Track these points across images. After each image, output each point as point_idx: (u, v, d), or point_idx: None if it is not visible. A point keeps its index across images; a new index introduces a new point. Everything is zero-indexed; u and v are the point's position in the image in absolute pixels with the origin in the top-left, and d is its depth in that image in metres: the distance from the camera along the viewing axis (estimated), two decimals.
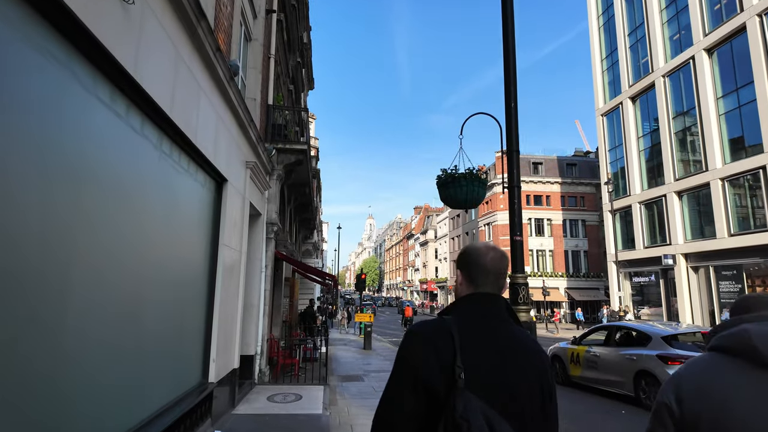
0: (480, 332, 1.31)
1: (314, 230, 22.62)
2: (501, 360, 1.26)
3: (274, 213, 9.41)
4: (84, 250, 2.84)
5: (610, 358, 8.65)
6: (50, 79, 2.49)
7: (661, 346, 7.84)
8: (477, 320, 1.34)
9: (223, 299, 6.06)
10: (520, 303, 4.45)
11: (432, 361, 1.24)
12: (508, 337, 1.32)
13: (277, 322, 11.90)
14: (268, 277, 9.20)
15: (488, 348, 1.28)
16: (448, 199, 4.57)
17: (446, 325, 1.30)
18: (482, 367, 1.24)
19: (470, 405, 1.15)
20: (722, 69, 21.87)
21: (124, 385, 3.47)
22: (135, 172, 3.53)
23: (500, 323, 1.35)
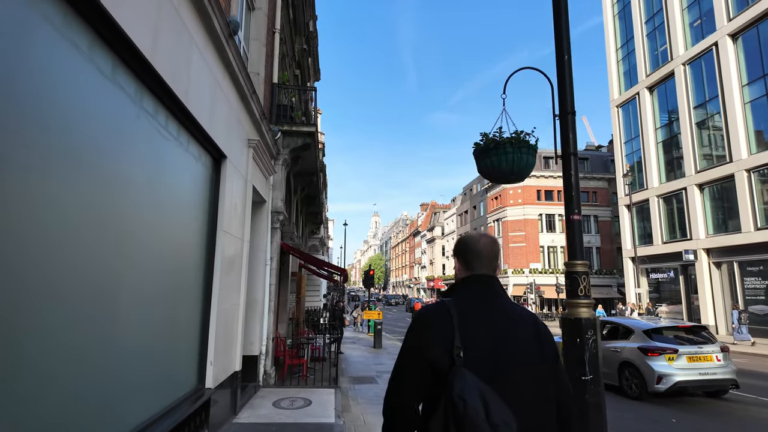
0: (476, 310, 1.45)
1: (321, 225, 21.86)
2: (496, 333, 1.41)
3: (279, 201, 8.65)
4: (38, 233, 2.07)
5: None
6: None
7: (642, 339, 8.35)
8: (473, 299, 1.48)
9: (223, 294, 5.31)
10: (580, 296, 3.64)
11: (435, 341, 1.39)
12: (503, 312, 1.46)
13: (283, 320, 11.16)
14: (273, 271, 8.45)
15: (484, 323, 1.42)
16: (489, 171, 3.76)
17: (446, 307, 1.45)
18: (479, 342, 1.38)
19: (467, 384, 1.28)
20: (748, 55, 20.84)
21: (99, 394, 2.73)
22: (103, 130, 2.76)
23: (494, 300, 1.49)
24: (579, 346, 3.53)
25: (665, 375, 7.69)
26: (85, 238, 2.59)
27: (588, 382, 3.48)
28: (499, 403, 1.28)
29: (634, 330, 8.72)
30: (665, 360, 7.83)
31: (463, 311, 1.44)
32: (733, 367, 8.02)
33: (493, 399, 1.28)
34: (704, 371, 7.80)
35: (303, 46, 16.68)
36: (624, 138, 29.26)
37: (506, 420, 1.26)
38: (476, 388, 1.28)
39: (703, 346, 8.13)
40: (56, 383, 2.34)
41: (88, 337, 2.66)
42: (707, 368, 7.83)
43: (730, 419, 7.02)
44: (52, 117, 2.27)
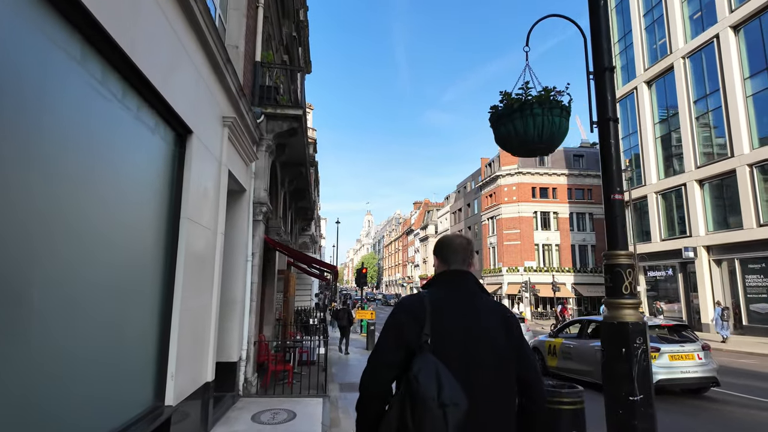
0: (448, 301, 1.61)
1: (312, 222, 21.03)
2: (464, 322, 1.56)
3: (262, 191, 7.85)
4: None
5: (583, 350, 9.13)
6: None
7: None
8: (447, 291, 1.65)
9: (188, 292, 4.51)
10: (624, 294, 2.91)
11: (411, 326, 1.54)
12: (473, 303, 1.62)
13: (269, 321, 10.35)
14: (256, 267, 7.65)
15: (454, 313, 1.58)
16: (510, 140, 3.01)
17: (421, 298, 1.62)
18: (447, 329, 1.53)
19: (424, 366, 1.42)
20: (750, 47, 20.35)
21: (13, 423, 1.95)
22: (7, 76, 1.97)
23: (466, 292, 1.66)
24: (625, 357, 2.79)
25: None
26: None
27: (637, 404, 2.74)
28: (453, 385, 1.40)
29: None
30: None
31: (436, 302, 1.59)
32: (714, 366, 8.08)
33: (448, 381, 1.40)
34: (686, 369, 7.82)
35: (292, 33, 15.85)
36: (621, 133, 28.68)
37: (456, 400, 1.37)
38: (433, 370, 1.41)
39: (685, 345, 8.12)
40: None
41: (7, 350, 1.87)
42: (689, 366, 7.84)
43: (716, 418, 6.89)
44: None
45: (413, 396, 1.39)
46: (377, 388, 1.56)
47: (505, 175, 42.53)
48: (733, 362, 12.88)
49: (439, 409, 1.35)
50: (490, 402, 1.48)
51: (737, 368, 11.71)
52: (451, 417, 1.35)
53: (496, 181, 43.51)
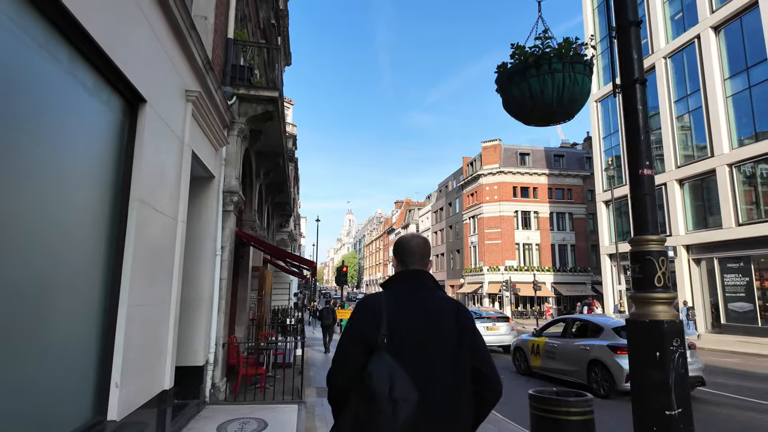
0: (404, 300, 1.68)
1: (290, 218, 20.31)
2: (418, 321, 1.63)
3: (234, 179, 7.20)
4: None
5: (567, 349, 8.92)
6: None
7: (611, 336, 8.06)
8: (403, 290, 1.73)
9: (140, 288, 3.88)
10: (657, 287, 2.43)
11: (369, 326, 1.60)
12: (427, 301, 1.69)
13: (241, 321, 9.69)
14: (225, 263, 7.00)
15: (409, 312, 1.64)
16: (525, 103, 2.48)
17: (379, 298, 1.68)
18: (402, 328, 1.59)
19: (378, 364, 1.50)
20: (730, 48, 20.50)
21: None
22: None
23: (421, 291, 1.73)
24: (659, 363, 2.31)
25: None
26: None
27: (675, 420, 2.26)
28: (405, 382, 1.48)
29: (603, 328, 8.45)
30: None
31: (393, 301, 1.67)
32: (701, 365, 7.89)
33: (401, 378, 1.49)
34: None
35: (271, 20, 15.18)
36: (603, 133, 28.83)
37: (407, 396, 1.47)
38: (387, 368, 1.50)
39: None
40: None
41: None
42: None
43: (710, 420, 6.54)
44: None
45: (367, 392, 1.48)
46: (341, 384, 1.64)
47: (486, 174, 42.45)
48: (717, 361, 12.76)
49: (390, 404, 1.44)
50: (443, 394, 1.56)
51: (722, 367, 11.57)
52: (401, 411, 1.44)
53: (478, 180, 43.39)
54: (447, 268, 51.90)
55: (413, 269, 1.79)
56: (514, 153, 43.29)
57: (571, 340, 8.96)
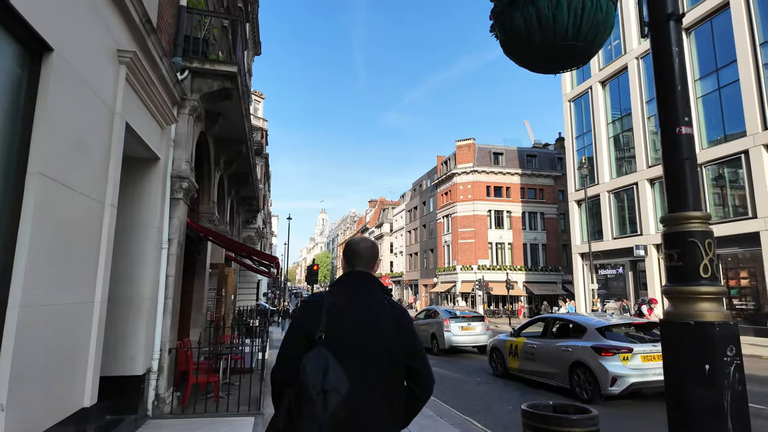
0: (346, 300, 1.77)
1: (258, 214, 19.36)
2: (358, 320, 1.72)
3: (184, 163, 6.39)
4: None
5: (547, 350, 8.51)
6: None
7: (595, 337, 7.64)
8: (347, 291, 1.82)
9: (42, 283, 3.10)
10: (703, 278, 1.86)
11: (310, 323, 1.70)
12: (368, 302, 1.78)
13: (197, 323, 8.83)
14: (173, 258, 6.19)
15: (349, 311, 1.73)
16: (531, 35, 1.85)
17: (322, 298, 1.78)
18: (341, 325, 1.69)
19: (314, 357, 1.58)
20: (700, 49, 20.75)
21: None
22: None
23: (364, 292, 1.81)
24: (710, 378, 1.72)
25: (620, 376, 6.93)
26: None
27: None
28: (338, 374, 1.54)
29: (586, 328, 7.97)
30: (619, 360, 7.05)
31: (335, 300, 1.76)
32: None
33: (334, 370, 1.55)
34: (659, 371, 6.93)
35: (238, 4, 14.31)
36: (576, 132, 28.94)
37: (337, 387, 1.52)
38: (321, 361, 1.57)
39: (657, 344, 7.33)
40: None
41: None
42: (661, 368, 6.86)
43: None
44: None
45: (300, 383, 1.55)
46: (280, 377, 1.72)
47: (460, 173, 42.30)
48: None
49: (320, 395, 1.51)
50: (376, 388, 1.65)
51: None
52: (330, 401, 1.51)
53: (452, 179, 43.21)
54: (420, 268, 51.59)
55: (359, 271, 1.89)
56: (488, 152, 43.31)
57: (552, 340, 8.51)
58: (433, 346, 13.65)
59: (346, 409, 1.52)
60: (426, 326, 14.43)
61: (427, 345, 14.13)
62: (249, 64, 21.76)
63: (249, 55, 22.10)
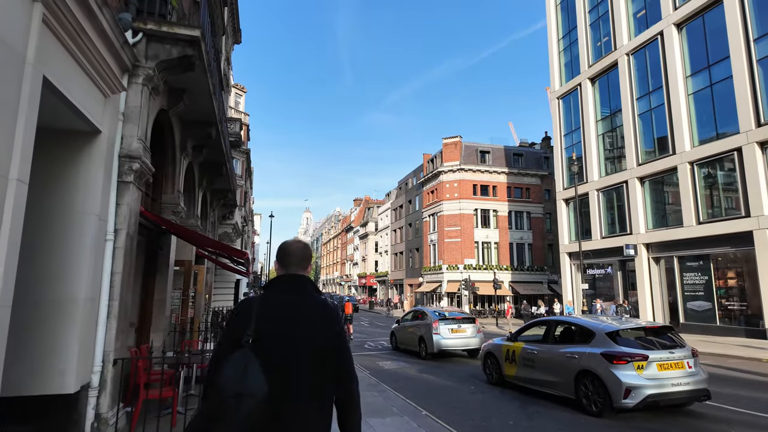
0: (277, 303, 1.79)
1: (235, 208, 18.29)
2: (289, 322, 1.74)
3: (136, 141, 5.43)
4: None
5: (549, 356, 7.73)
6: None
7: (605, 343, 6.81)
8: (278, 293, 1.84)
9: None
10: None
11: (239, 326, 1.71)
12: (301, 304, 1.80)
13: (158, 327, 7.86)
14: (121, 251, 5.24)
15: (281, 314, 1.76)
16: None
17: (251, 301, 1.81)
18: (271, 329, 1.71)
19: (235, 361, 1.58)
20: (692, 45, 20.40)
21: None
22: None
23: (295, 294, 1.84)
24: None
25: (635, 387, 6.17)
26: None
27: None
28: (258, 377, 1.55)
29: (594, 332, 7.14)
30: (634, 369, 6.30)
31: (265, 303, 1.78)
32: (705, 375, 6.74)
33: (255, 373, 1.55)
34: (677, 381, 6.34)
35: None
36: (564, 130, 28.50)
37: (253, 391, 1.53)
38: (241, 364, 1.57)
39: (675, 351, 6.63)
40: None
41: None
42: (679, 377, 6.37)
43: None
44: None
45: (217, 386, 1.56)
46: (209, 379, 1.72)
47: (447, 171, 41.68)
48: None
49: (233, 399, 1.52)
50: (305, 390, 1.67)
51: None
52: (244, 405, 1.52)
53: (438, 177, 42.57)
54: (406, 267, 50.86)
55: (291, 273, 1.90)
56: (475, 150, 42.78)
57: (555, 346, 7.72)
58: (421, 350, 12.80)
59: (265, 411, 1.56)
60: (413, 328, 13.60)
61: (413, 348, 13.31)
62: (228, 51, 20.68)
63: (228, 42, 21.01)
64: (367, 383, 8.60)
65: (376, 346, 16.10)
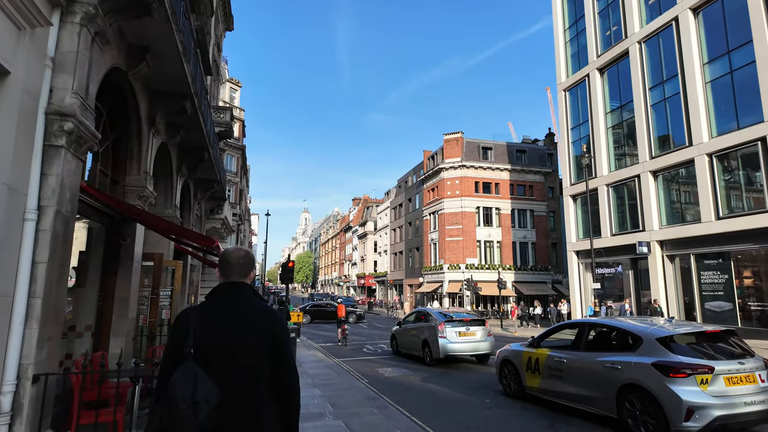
0: (216, 311, 1.84)
1: (224, 203, 17.08)
2: (229, 330, 1.78)
3: (70, 95, 4.26)
4: None
5: (583, 366, 6.47)
6: None
7: (657, 351, 5.55)
8: (218, 302, 1.88)
9: None
10: None
11: (180, 338, 1.75)
12: (241, 311, 1.85)
13: (119, 331, 6.67)
14: (47, 236, 4.07)
15: (221, 322, 1.80)
16: None
17: (190, 312, 1.85)
18: (212, 338, 1.75)
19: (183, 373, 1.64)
20: (709, 31, 19.24)
21: None
22: None
23: (237, 302, 1.88)
24: None
25: (699, 407, 4.93)
26: None
27: None
28: (206, 386, 1.62)
29: (642, 337, 5.85)
30: (696, 384, 5.05)
31: (205, 312, 1.83)
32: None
33: (203, 382, 1.62)
34: (750, 399, 5.07)
35: None
36: (571, 123, 27.34)
37: (207, 397, 1.60)
38: (190, 374, 1.63)
39: (746, 361, 5.35)
40: None
41: None
42: (752, 394, 5.11)
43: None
44: None
45: (169, 398, 1.61)
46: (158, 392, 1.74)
47: (448, 168, 40.54)
48: None
49: (189, 408, 1.56)
50: (248, 394, 1.73)
51: None
52: (201, 411, 1.57)
53: (439, 174, 41.42)
54: (405, 267, 49.67)
55: (231, 282, 1.94)
56: (477, 147, 41.63)
57: (590, 353, 6.48)
58: (425, 356, 11.61)
59: (218, 415, 1.63)
60: (415, 331, 12.40)
61: (416, 353, 12.12)
62: (219, 37, 19.52)
63: (219, 27, 19.86)
64: (364, 395, 7.42)
65: (375, 350, 14.92)
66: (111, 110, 6.44)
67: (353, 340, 17.81)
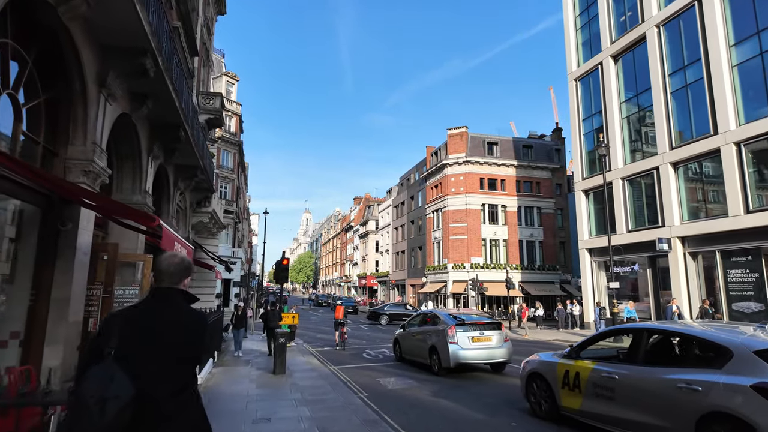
0: (143, 316, 1.90)
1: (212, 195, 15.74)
2: (155, 332, 1.84)
3: None
4: None
5: (643, 386, 5.00)
6: None
7: (756, 367, 4.13)
8: (147, 306, 1.94)
9: None
10: None
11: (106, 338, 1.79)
12: (167, 316, 1.91)
13: (56, 337, 5.35)
14: None
15: (148, 325, 1.86)
16: None
17: (118, 315, 1.91)
18: (137, 339, 1.80)
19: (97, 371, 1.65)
20: (735, 10, 17.87)
21: None
22: None
23: (165, 306, 1.94)
24: None
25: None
26: None
27: None
28: (122, 384, 1.63)
29: (731, 349, 4.41)
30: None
31: (131, 317, 1.88)
32: None
33: (119, 380, 1.63)
34: None
35: None
36: (583, 115, 25.97)
37: (118, 393, 1.60)
38: (106, 373, 1.64)
39: None
40: None
41: None
42: None
43: None
44: None
45: (77, 395, 1.62)
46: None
47: (452, 163, 39.16)
48: None
49: (97, 404, 1.56)
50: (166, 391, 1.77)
51: None
52: (109, 408, 1.57)
53: (443, 170, 40.05)
54: (408, 267, 48.30)
55: (163, 287, 1.98)
56: (482, 142, 40.26)
57: (653, 368, 5.03)
58: (432, 364, 10.20)
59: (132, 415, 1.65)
60: (421, 336, 11.02)
61: (422, 360, 10.74)
62: (209, 19, 18.23)
63: (209, 9, 18.58)
64: (362, 418, 6.06)
65: (377, 356, 13.58)
66: (42, 60, 5.14)
67: (353, 344, 16.48)
